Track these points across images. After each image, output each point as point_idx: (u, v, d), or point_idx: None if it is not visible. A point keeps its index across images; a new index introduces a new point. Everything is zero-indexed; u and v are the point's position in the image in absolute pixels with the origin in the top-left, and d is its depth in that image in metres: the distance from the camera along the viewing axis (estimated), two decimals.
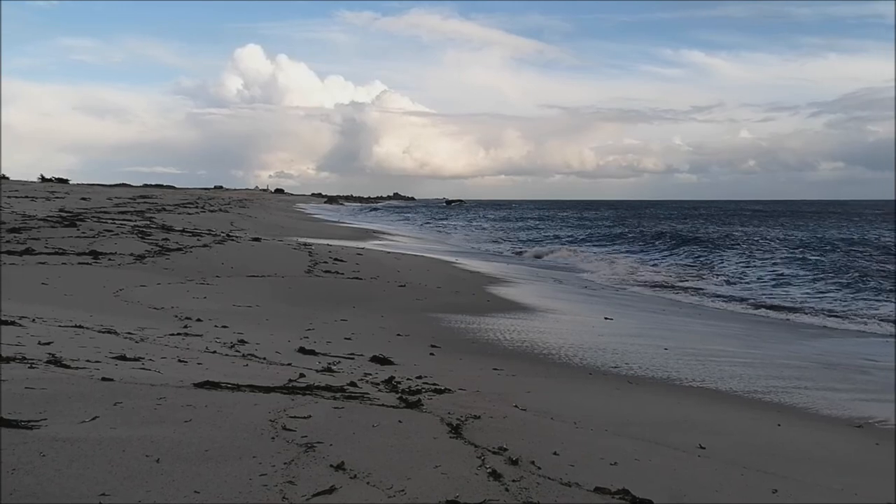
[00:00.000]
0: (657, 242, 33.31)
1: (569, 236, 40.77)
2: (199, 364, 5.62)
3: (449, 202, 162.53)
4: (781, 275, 20.52)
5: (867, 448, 5.36)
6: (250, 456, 3.45)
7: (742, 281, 19.71)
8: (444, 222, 61.97)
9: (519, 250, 31.58)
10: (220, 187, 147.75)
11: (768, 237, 38.05)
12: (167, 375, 4.99)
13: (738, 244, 32.49)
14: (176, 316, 8.26)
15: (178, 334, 6.99)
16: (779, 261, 24.55)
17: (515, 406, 5.35)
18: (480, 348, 8.34)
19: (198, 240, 17.92)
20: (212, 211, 37.78)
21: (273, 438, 3.74)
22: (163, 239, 17.07)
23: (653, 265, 24.95)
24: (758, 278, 20.06)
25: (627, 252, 29.91)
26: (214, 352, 6.30)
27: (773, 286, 18.52)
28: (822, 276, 19.75)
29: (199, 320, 7.98)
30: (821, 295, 16.66)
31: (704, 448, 4.71)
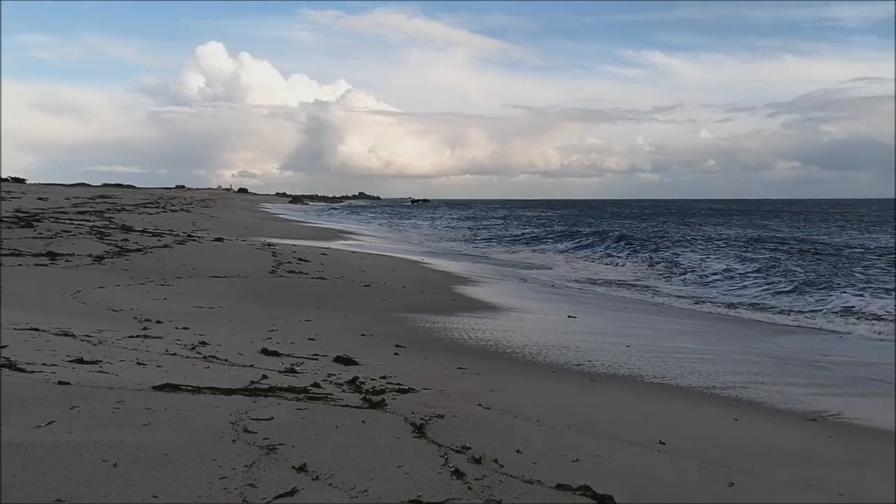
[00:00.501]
0: (619, 241, 33.72)
1: (533, 235, 41.00)
2: (158, 366, 5.54)
3: (414, 201, 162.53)
4: (737, 272, 20.88)
5: (821, 441, 5.50)
6: (210, 459, 3.42)
7: (700, 279, 20.01)
8: (410, 221, 61.91)
9: (484, 249, 31.69)
10: (182, 187, 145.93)
11: (725, 236, 38.74)
12: (125, 378, 4.91)
13: (697, 243, 33.11)
14: (135, 318, 8.12)
15: (138, 336, 6.87)
16: (735, 259, 24.98)
17: (479, 405, 5.37)
18: (445, 347, 8.36)
19: (158, 240, 17.65)
20: (173, 211, 37.23)
21: (234, 441, 3.71)
22: (122, 239, 16.77)
23: (615, 264, 25.24)
24: (715, 276, 20.38)
25: (591, 250, 30.20)
26: (175, 354, 6.21)
27: (730, 284, 18.82)
28: (775, 274, 20.11)
29: (159, 322, 7.86)
30: (775, 292, 16.99)
31: (664, 443, 4.79)
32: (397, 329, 9.19)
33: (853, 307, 14.27)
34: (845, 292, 16.08)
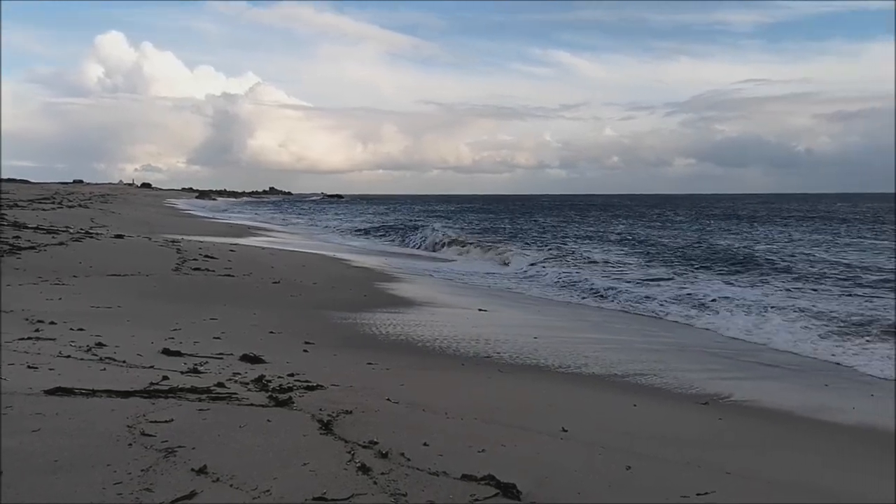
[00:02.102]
0: (529, 236, 34.60)
1: (446, 229, 41.28)
2: (51, 369, 5.29)
3: (327, 197, 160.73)
4: (638, 271, 21.49)
5: (711, 423, 5.82)
6: (104, 464, 3.31)
7: (604, 272, 20.40)
8: (320, 216, 61.19)
9: (394, 245, 31.67)
10: (81, 182, 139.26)
11: (618, 231, 40.13)
12: (15, 383, 4.67)
13: (596, 237, 34.42)
14: (27, 319, 7.70)
15: (29, 338, 6.53)
16: (631, 255, 25.67)
17: (388, 399, 5.38)
18: (356, 343, 8.32)
19: (53, 237, 16.79)
20: (70, 207, 35.47)
21: (130, 445, 3.60)
22: (14, 237, 15.85)
23: (524, 258, 25.59)
24: (617, 270, 20.84)
25: (502, 245, 30.56)
26: (69, 356, 5.94)
27: (634, 280, 19.19)
28: (676, 270, 20.81)
29: (52, 323, 7.48)
30: (677, 287, 17.41)
31: (567, 431, 4.94)
32: (307, 326, 9.08)
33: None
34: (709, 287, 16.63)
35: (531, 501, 3.46)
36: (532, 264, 22.04)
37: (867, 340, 10.05)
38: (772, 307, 12.91)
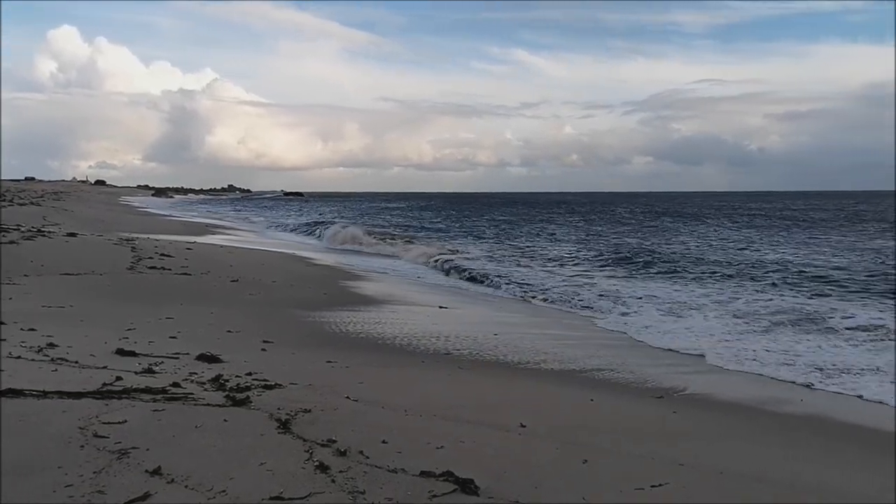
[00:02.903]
0: (488, 235, 34.92)
1: (404, 226, 41.30)
2: (0, 371, 5.15)
3: (286, 194, 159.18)
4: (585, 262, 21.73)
5: (665, 417, 5.94)
6: (55, 467, 3.25)
7: (543, 267, 20.37)
8: (278, 213, 60.62)
9: (355, 242, 31.49)
10: (33, 179, 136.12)
11: (569, 230, 40.51)
12: None
13: (544, 234, 35.10)
14: None
15: None
16: (575, 252, 25.74)
17: (347, 397, 5.37)
18: (315, 341, 8.28)
19: (4, 236, 16.34)
20: (21, 204, 34.57)
21: (82, 447, 3.53)
22: None
23: (483, 257, 25.58)
24: (556, 266, 20.90)
25: (461, 243, 30.68)
26: (19, 357, 5.79)
27: (565, 276, 19.01)
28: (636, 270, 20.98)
29: (2, 323, 7.29)
30: (606, 285, 17.32)
31: (525, 426, 4.99)
32: (266, 324, 8.99)
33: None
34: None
35: (489, 497, 3.49)
36: (475, 259, 22.18)
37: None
38: (692, 308, 12.59)
